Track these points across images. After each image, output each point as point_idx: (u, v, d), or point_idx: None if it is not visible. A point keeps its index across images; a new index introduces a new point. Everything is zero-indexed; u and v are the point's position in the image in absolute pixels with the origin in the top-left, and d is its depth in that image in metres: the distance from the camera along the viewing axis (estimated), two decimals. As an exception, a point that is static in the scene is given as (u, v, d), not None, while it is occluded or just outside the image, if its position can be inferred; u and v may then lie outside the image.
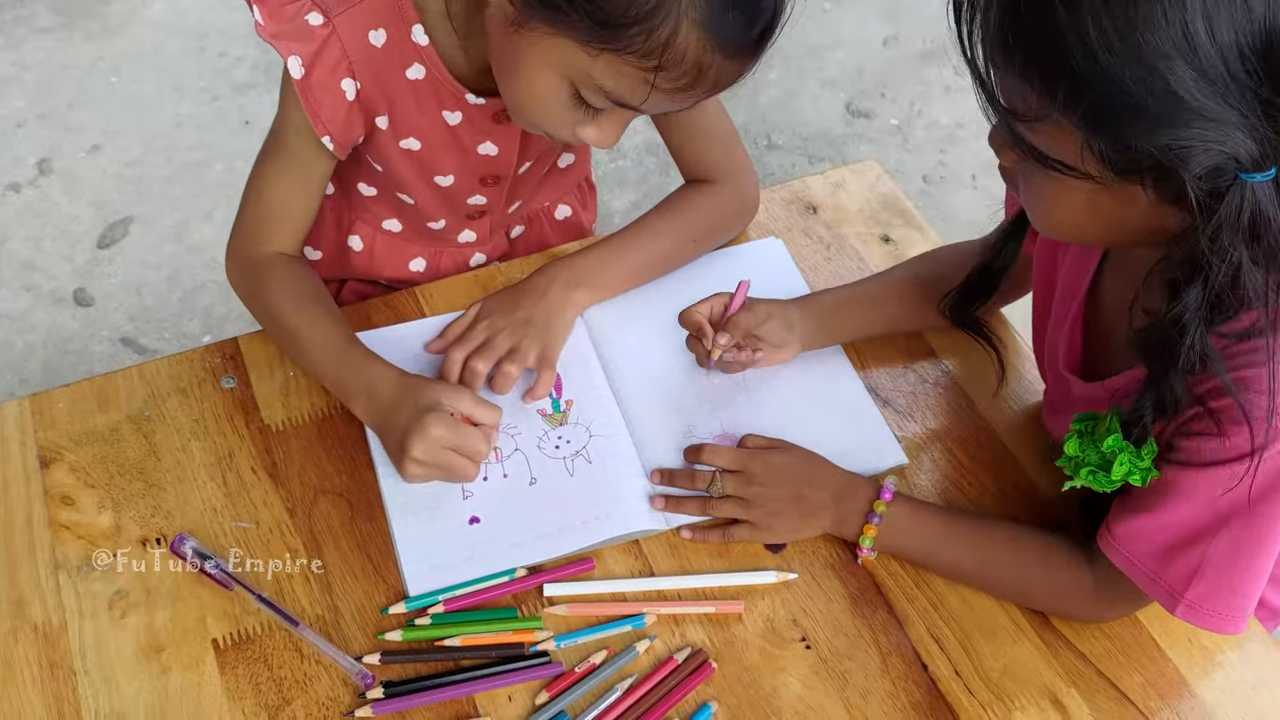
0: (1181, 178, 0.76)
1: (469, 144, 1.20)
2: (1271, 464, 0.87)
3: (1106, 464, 0.94)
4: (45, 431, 1.14)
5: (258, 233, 1.19)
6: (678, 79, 0.94)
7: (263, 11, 1.08)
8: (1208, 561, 0.92)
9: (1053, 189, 0.85)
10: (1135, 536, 0.95)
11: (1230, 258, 0.78)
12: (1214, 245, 0.78)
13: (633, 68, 0.93)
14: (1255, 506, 0.89)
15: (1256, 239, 0.77)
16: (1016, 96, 0.81)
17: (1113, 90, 0.74)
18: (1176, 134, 0.74)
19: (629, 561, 1.07)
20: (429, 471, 1.05)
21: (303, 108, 1.09)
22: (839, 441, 1.14)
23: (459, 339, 1.18)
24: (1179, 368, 0.85)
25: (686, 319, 1.16)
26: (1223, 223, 0.76)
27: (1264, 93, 0.73)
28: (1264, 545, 0.91)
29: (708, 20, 0.91)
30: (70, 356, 2.28)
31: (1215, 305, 0.81)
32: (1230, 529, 0.91)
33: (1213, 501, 0.90)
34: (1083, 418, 0.98)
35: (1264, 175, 0.75)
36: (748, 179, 1.31)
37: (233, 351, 1.21)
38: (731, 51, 0.94)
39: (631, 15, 0.89)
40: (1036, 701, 0.99)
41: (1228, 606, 0.94)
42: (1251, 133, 0.74)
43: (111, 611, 1.02)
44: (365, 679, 0.97)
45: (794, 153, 2.73)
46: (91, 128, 2.70)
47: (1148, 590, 0.96)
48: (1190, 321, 0.82)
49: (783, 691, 0.99)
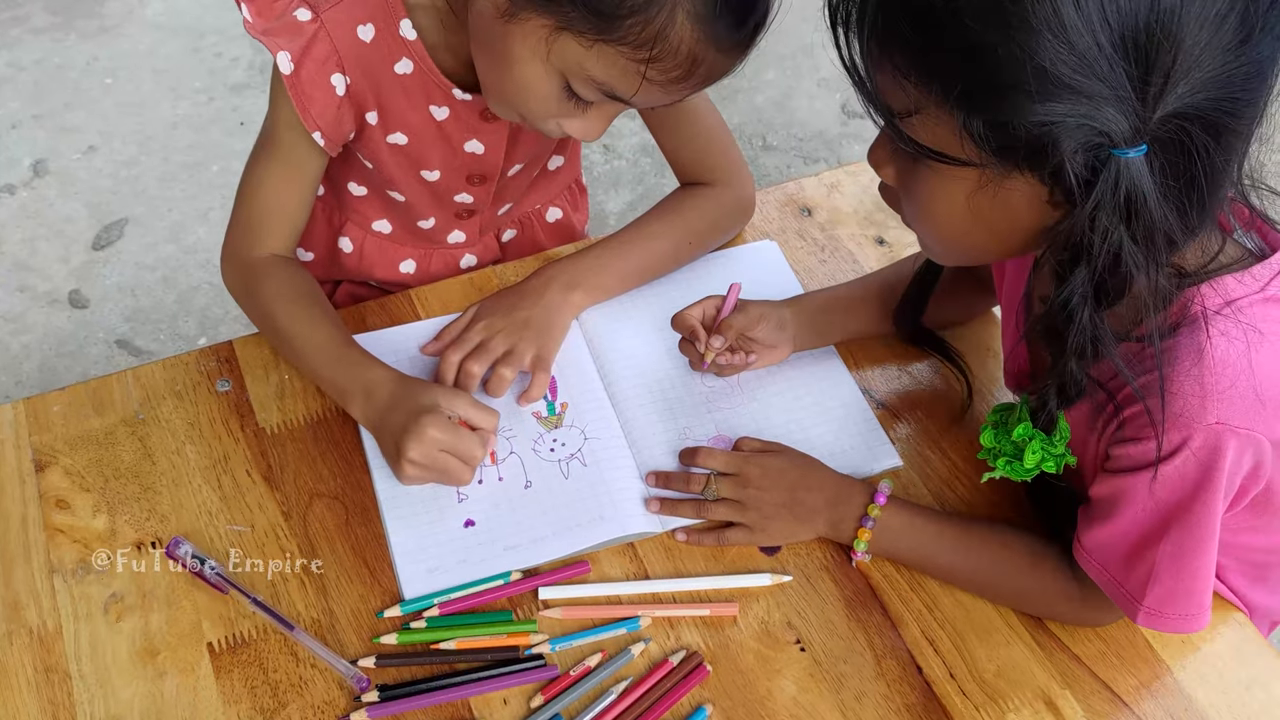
0: (1058, 157, 0.76)
1: (456, 141, 1.20)
2: (1193, 460, 0.87)
3: (1020, 452, 0.95)
4: (40, 435, 1.14)
5: (252, 233, 1.19)
6: (670, 70, 0.95)
7: (251, 9, 1.08)
8: (1157, 567, 0.93)
9: (933, 192, 0.86)
10: (1100, 547, 0.96)
11: (1110, 237, 0.78)
12: (1093, 225, 0.78)
13: (626, 59, 0.93)
14: (1189, 504, 0.89)
15: (1134, 215, 0.77)
16: (893, 92, 0.82)
17: (985, 66, 0.75)
18: (1049, 109, 0.74)
19: (624, 564, 1.07)
20: (425, 474, 1.05)
21: (293, 104, 1.09)
22: (833, 442, 1.14)
23: (455, 341, 1.18)
24: (1070, 351, 0.85)
25: (679, 322, 1.16)
26: (1100, 201, 0.77)
27: (1133, 69, 0.73)
28: (1205, 541, 0.91)
29: (702, 12, 0.91)
30: (65, 358, 2.28)
31: (1100, 287, 0.82)
32: (1172, 530, 0.91)
33: (1151, 505, 0.90)
34: (998, 409, 1.00)
35: (1136, 150, 0.76)
36: (744, 181, 1.31)
37: (228, 354, 1.21)
38: (724, 44, 0.95)
39: (628, 6, 0.90)
40: (1030, 703, 0.99)
41: (1184, 606, 0.94)
42: (1122, 109, 0.74)
43: (107, 615, 1.02)
44: (360, 683, 0.97)
45: (789, 153, 2.73)
46: (87, 129, 2.69)
47: (1114, 599, 0.97)
48: (1077, 305, 0.82)
49: (777, 694, 0.99)
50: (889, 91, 0.82)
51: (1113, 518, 0.94)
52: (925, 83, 0.79)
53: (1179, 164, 0.77)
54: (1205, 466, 0.87)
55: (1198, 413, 0.85)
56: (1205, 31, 0.73)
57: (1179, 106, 0.75)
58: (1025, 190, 0.81)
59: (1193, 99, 0.75)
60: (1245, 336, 0.84)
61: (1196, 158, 0.77)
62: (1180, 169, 0.77)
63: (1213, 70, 0.74)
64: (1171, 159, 0.77)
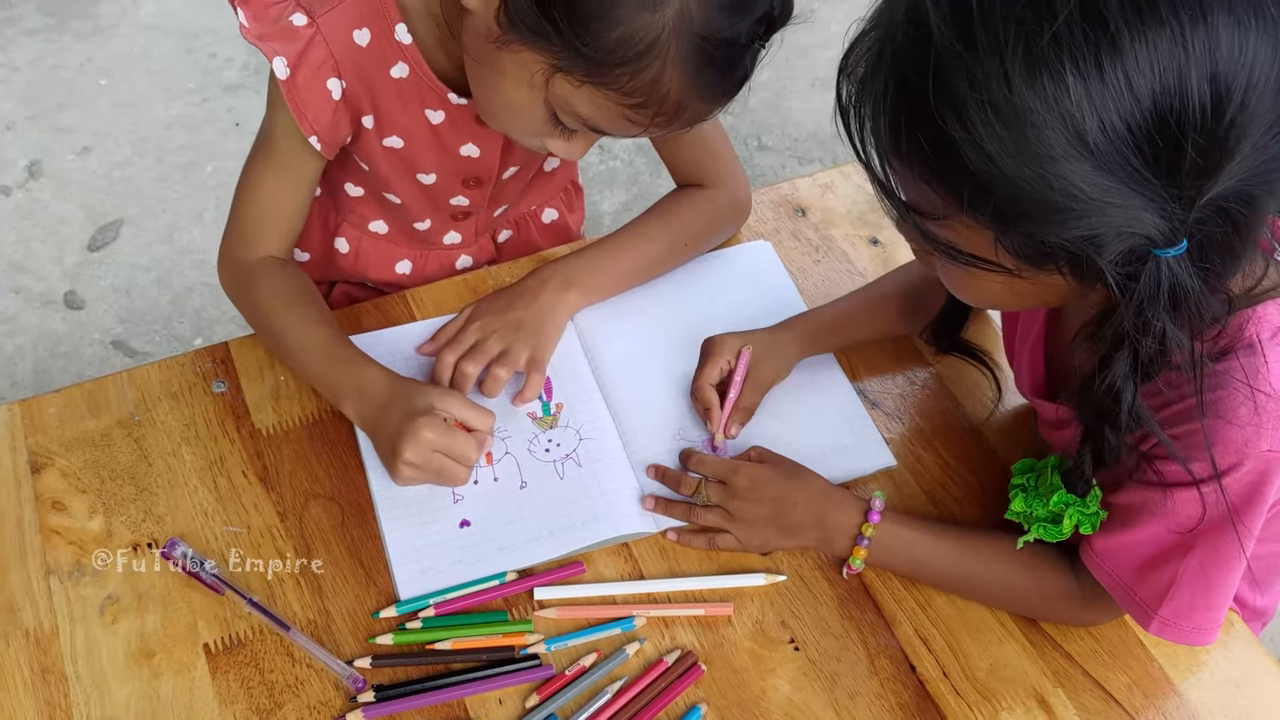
0: (1096, 266, 0.76)
1: (451, 144, 1.20)
2: (1240, 484, 0.88)
3: (1056, 518, 0.97)
4: (36, 436, 1.14)
5: (248, 235, 1.20)
6: (656, 116, 0.96)
7: (247, 14, 1.08)
8: (1180, 580, 0.93)
9: (969, 276, 0.86)
10: (1113, 552, 0.97)
11: (1154, 328, 0.79)
12: (1138, 319, 0.78)
13: (614, 102, 0.95)
14: (1225, 525, 0.89)
15: (1177, 307, 0.78)
16: (919, 197, 0.81)
17: (1016, 192, 0.74)
18: (1086, 225, 0.74)
19: (619, 564, 1.07)
20: (420, 474, 1.06)
21: (289, 109, 1.10)
22: (828, 443, 1.15)
23: (450, 342, 1.18)
24: (1115, 428, 0.87)
25: (701, 397, 1.15)
26: (1144, 298, 0.77)
27: (1162, 171, 0.73)
28: (1234, 560, 0.92)
29: (693, 67, 0.92)
30: (60, 359, 2.28)
31: (1144, 369, 0.83)
32: (1200, 548, 0.92)
33: (1180, 520, 0.91)
34: (1023, 469, 1.01)
35: (1176, 249, 0.76)
36: (739, 183, 1.32)
37: (223, 356, 1.21)
38: (711, 95, 0.96)
39: (619, 55, 0.90)
40: (1023, 701, 0.99)
41: (1200, 621, 0.95)
42: (1159, 211, 0.74)
43: (103, 616, 1.02)
44: (356, 683, 0.97)
45: (784, 154, 2.74)
46: (81, 130, 2.69)
47: (1124, 605, 0.97)
48: (1123, 388, 0.83)
49: (771, 693, 0.99)
50: (913, 195, 0.82)
51: (1133, 527, 0.94)
52: (954, 199, 0.78)
53: (1217, 238, 0.77)
54: (1252, 490, 0.88)
55: (1252, 439, 0.85)
56: (1243, 129, 0.72)
57: (1215, 194, 0.75)
58: (1064, 282, 0.81)
59: (1229, 185, 0.75)
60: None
61: (1234, 229, 0.77)
62: (1218, 242, 0.77)
63: (1248, 159, 0.74)
64: (1210, 234, 0.77)
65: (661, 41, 0.90)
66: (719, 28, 0.91)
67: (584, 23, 0.89)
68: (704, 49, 0.91)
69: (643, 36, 0.89)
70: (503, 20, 0.93)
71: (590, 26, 0.89)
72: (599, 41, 0.90)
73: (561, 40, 0.91)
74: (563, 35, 0.90)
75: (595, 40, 0.90)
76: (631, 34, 0.89)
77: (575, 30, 0.89)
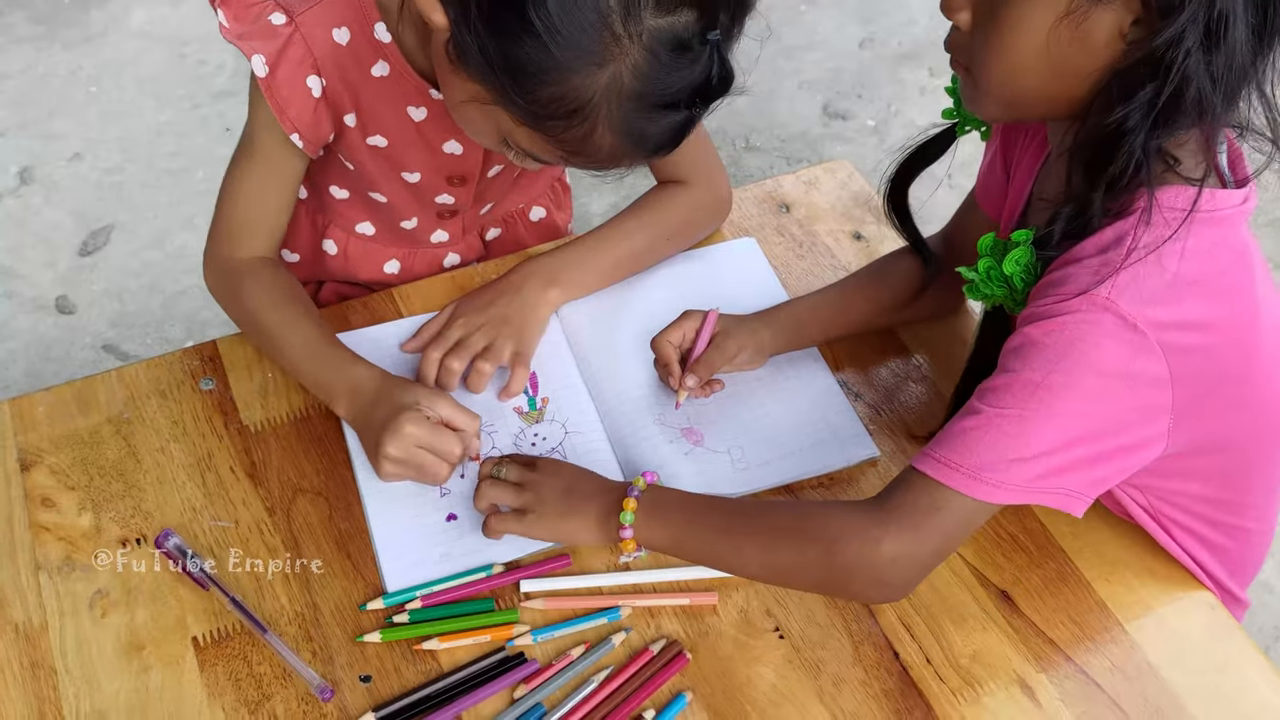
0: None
1: (435, 141, 1.21)
2: (1068, 328, 0.88)
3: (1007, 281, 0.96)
4: (25, 434, 1.15)
5: (234, 236, 1.21)
6: (592, 164, 0.98)
7: (227, 14, 1.09)
8: (986, 424, 0.91)
9: (1018, 18, 0.87)
10: (947, 437, 0.94)
11: (1189, 58, 0.82)
12: (1179, 41, 0.82)
13: (553, 145, 0.96)
14: (1048, 374, 0.89)
15: (1217, 42, 0.82)
16: None
17: None
18: None
19: (604, 555, 1.08)
20: (403, 470, 1.06)
21: (269, 107, 1.11)
22: (811, 435, 1.16)
23: (435, 338, 1.19)
24: (1110, 173, 0.88)
25: (658, 350, 1.17)
26: (1194, 15, 0.81)
27: None
28: (1054, 416, 0.89)
29: (625, 129, 0.93)
30: (52, 363, 2.29)
31: (1160, 114, 0.85)
32: (1018, 395, 0.90)
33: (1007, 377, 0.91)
34: (987, 241, 0.99)
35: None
36: (719, 178, 1.33)
37: (211, 353, 1.22)
38: (648, 151, 0.97)
39: (552, 110, 0.91)
40: (1006, 687, 1.00)
41: (1007, 475, 0.90)
42: None
43: (92, 611, 1.03)
44: (324, 692, 0.98)
45: (772, 154, 2.75)
46: (72, 136, 2.70)
47: (942, 479, 0.92)
48: (1136, 125, 0.85)
49: (757, 681, 1.00)
50: None
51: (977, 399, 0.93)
52: None
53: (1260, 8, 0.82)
54: (1074, 340, 0.88)
55: (1092, 285, 0.87)
56: None
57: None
58: (1109, 22, 0.84)
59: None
60: (1180, 247, 0.87)
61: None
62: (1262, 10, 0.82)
63: None
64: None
65: (593, 104, 0.90)
66: (653, 96, 0.91)
67: (517, 77, 0.90)
68: (638, 113, 0.92)
69: (575, 97, 0.90)
70: (450, 51, 0.94)
71: (523, 81, 0.90)
72: (531, 95, 0.91)
73: (498, 85, 0.92)
74: (499, 81, 0.91)
75: (528, 94, 0.91)
76: (563, 94, 0.90)
77: (509, 81, 0.91)
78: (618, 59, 0.89)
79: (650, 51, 0.89)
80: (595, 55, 0.88)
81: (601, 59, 0.88)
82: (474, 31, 0.90)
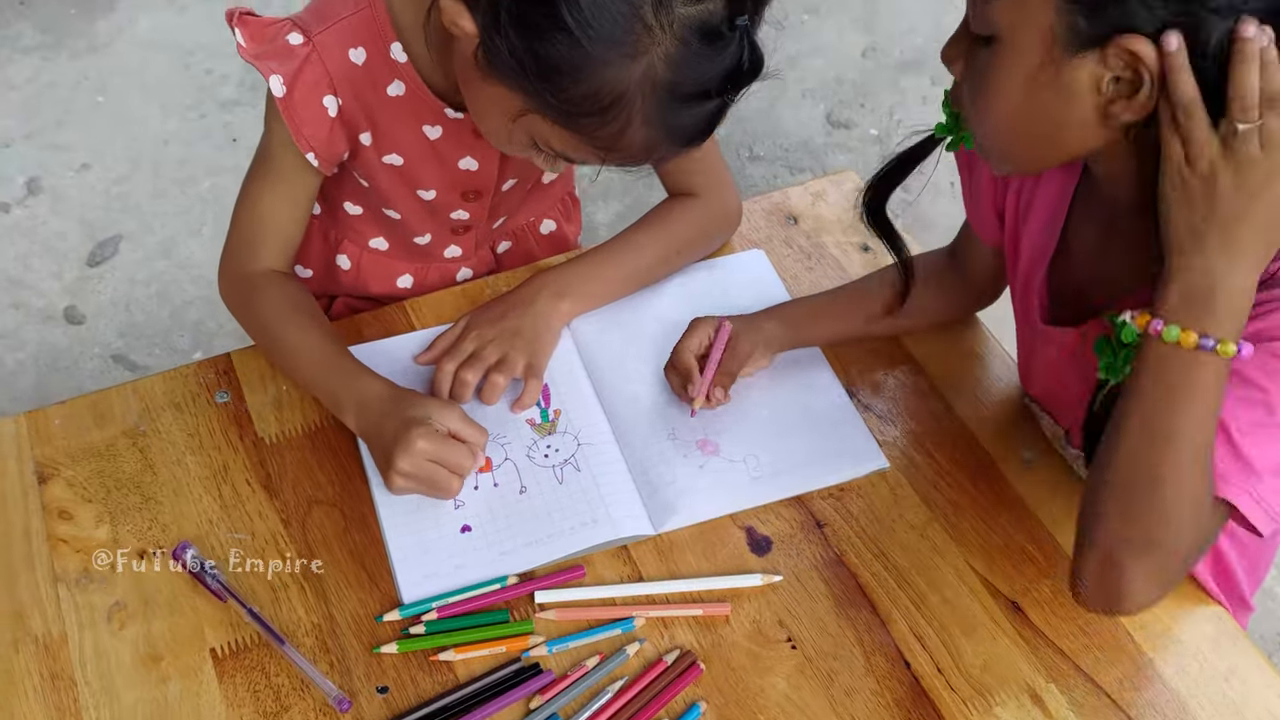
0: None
1: (450, 158, 1.22)
2: None
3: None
4: (42, 447, 1.16)
5: (248, 249, 1.22)
6: (626, 160, 0.99)
7: (244, 34, 1.11)
8: None
9: (995, 69, 0.87)
10: None
11: None
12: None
13: (586, 145, 0.97)
14: None
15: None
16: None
17: None
18: None
19: (618, 566, 1.09)
20: (413, 484, 1.07)
21: (286, 126, 1.12)
22: (821, 445, 1.17)
23: (448, 351, 1.20)
24: None
25: (680, 359, 1.18)
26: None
27: None
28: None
29: (660, 120, 0.94)
30: (61, 374, 2.29)
31: None
32: None
33: None
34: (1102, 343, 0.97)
35: None
36: (729, 192, 1.34)
37: (226, 367, 1.23)
38: (681, 143, 0.98)
39: (586, 108, 0.92)
40: (1016, 697, 1.01)
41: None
42: None
43: (110, 623, 1.04)
44: (342, 704, 0.98)
45: (775, 163, 2.76)
46: (79, 146, 2.71)
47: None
48: None
49: (769, 691, 1.01)
50: None
51: None
52: None
53: None
54: None
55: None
56: None
57: None
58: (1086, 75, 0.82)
59: None
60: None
61: None
62: None
63: None
64: None
65: (628, 97, 0.92)
66: (686, 85, 0.92)
67: (551, 76, 0.91)
68: (671, 104, 0.93)
69: (609, 92, 0.91)
70: (480, 58, 0.95)
71: (557, 80, 0.91)
72: (565, 94, 0.92)
73: (531, 87, 0.93)
74: (532, 83, 0.92)
75: (562, 93, 0.92)
76: (597, 89, 0.91)
77: (542, 81, 0.92)
78: (650, 50, 0.89)
79: (682, 41, 0.90)
80: (628, 47, 0.89)
81: (634, 50, 0.89)
82: (504, 35, 0.91)
